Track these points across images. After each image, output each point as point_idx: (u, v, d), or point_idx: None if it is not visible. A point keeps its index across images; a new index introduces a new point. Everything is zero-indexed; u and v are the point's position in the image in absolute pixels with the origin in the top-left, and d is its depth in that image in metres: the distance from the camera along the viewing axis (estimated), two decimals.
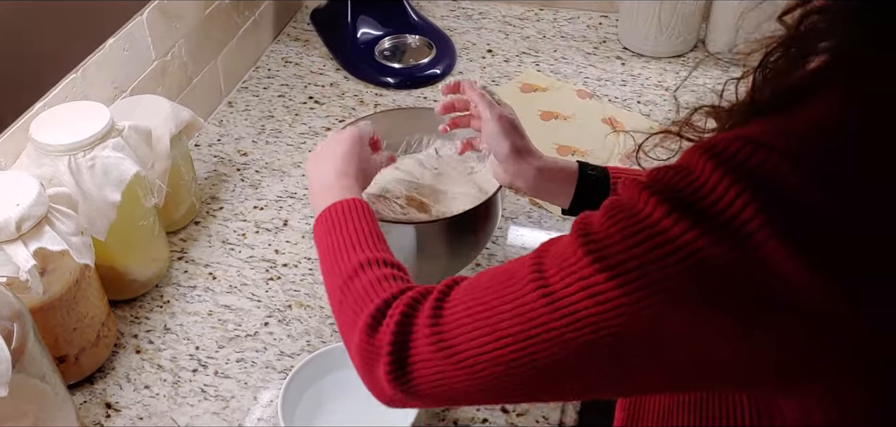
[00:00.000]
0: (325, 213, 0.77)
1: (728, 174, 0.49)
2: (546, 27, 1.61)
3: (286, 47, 1.57)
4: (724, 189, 0.49)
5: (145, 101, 1.09)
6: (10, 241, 0.79)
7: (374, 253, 0.71)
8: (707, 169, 0.50)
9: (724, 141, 0.50)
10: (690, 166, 0.51)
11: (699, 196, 0.49)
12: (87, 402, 0.92)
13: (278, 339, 0.99)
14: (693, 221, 0.49)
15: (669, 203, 0.50)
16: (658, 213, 0.51)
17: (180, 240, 1.14)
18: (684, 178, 0.51)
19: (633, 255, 0.51)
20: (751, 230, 0.47)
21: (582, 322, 0.53)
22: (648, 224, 0.51)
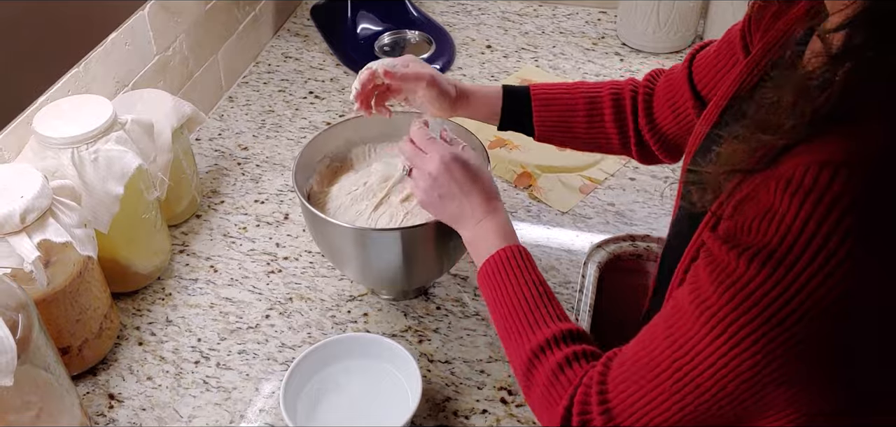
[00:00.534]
0: (486, 268, 0.79)
1: (824, 209, 0.49)
2: (545, 23, 1.61)
3: (286, 42, 1.58)
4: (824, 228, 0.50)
5: (147, 96, 1.10)
6: (14, 232, 0.80)
7: (549, 327, 0.73)
8: (798, 209, 0.51)
9: (806, 171, 0.51)
10: (777, 209, 0.52)
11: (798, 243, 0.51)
12: (90, 393, 0.93)
13: (279, 332, 1.00)
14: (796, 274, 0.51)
15: (764, 262, 0.52)
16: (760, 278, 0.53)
17: (182, 233, 1.15)
18: (771, 224, 0.52)
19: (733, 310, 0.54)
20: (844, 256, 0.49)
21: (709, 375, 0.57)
22: (753, 288, 0.53)
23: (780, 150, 0.54)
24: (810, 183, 0.50)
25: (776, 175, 0.53)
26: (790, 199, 0.51)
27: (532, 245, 1.10)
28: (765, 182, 0.53)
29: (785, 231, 0.51)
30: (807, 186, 0.50)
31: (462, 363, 0.95)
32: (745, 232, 0.55)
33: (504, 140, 1.28)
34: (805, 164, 0.51)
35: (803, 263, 0.50)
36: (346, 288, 1.05)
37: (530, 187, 1.20)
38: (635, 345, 0.65)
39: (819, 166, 0.50)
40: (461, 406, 0.90)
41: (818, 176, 0.50)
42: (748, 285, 0.53)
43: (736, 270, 0.54)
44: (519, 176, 1.22)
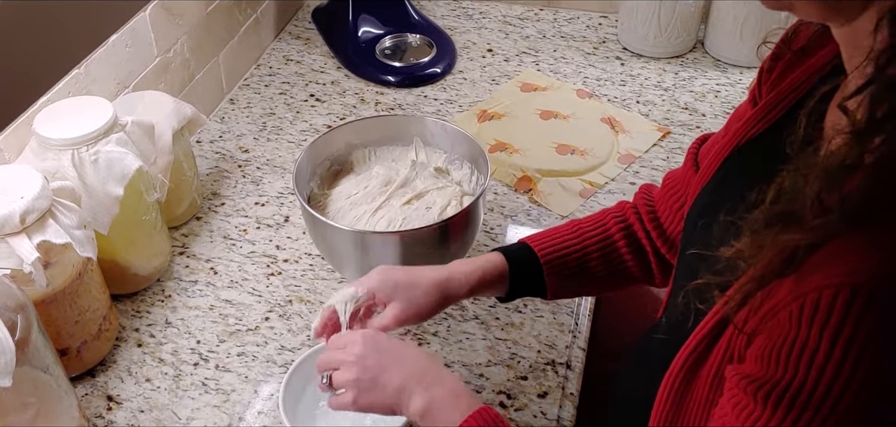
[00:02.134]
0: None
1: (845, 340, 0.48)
2: (546, 27, 1.61)
3: (288, 45, 1.58)
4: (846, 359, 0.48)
5: (148, 97, 1.10)
6: (14, 233, 0.80)
7: None
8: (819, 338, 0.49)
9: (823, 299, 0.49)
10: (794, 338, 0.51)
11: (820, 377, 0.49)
12: (88, 395, 0.93)
13: (279, 334, 0.99)
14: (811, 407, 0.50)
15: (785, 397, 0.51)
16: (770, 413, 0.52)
17: (182, 235, 1.15)
18: (795, 360, 0.51)
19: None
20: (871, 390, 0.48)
21: None
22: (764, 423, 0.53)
23: (806, 249, 0.51)
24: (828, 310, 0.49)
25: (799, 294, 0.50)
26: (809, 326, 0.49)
27: None
28: (786, 303, 0.51)
29: (808, 364, 0.50)
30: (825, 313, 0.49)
31: (461, 366, 0.95)
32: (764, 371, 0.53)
33: (504, 143, 1.28)
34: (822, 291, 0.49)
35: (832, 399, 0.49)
36: None
37: (530, 191, 1.20)
38: None
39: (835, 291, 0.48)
40: None
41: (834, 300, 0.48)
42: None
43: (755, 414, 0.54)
44: (519, 180, 1.22)
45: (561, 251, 0.88)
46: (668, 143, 1.29)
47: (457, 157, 1.09)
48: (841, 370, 0.49)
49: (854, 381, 0.49)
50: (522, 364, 0.95)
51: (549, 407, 0.90)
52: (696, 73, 1.46)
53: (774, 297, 0.53)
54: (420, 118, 1.11)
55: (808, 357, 0.50)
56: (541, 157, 1.25)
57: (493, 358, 0.96)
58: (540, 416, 0.89)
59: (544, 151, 1.27)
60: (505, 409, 0.90)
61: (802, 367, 0.50)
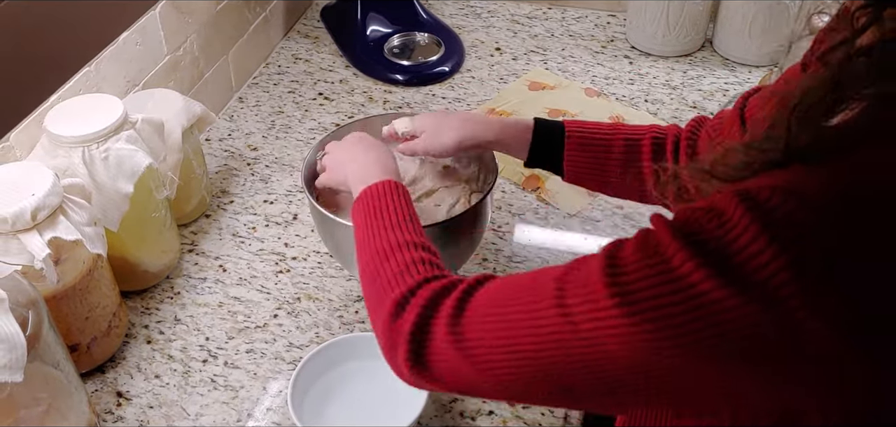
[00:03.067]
0: (366, 191, 0.79)
1: (762, 228, 0.47)
2: (554, 26, 1.61)
3: (296, 44, 1.58)
4: (758, 245, 0.47)
5: (158, 95, 1.11)
6: (25, 230, 0.80)
7: (410, 236, 0.72)
8: (741, 219, 0.48)
9: (761, 189, 0.48)
10: (724, 211, 0.49)
11: (731, 250, 0.48)
12: (98, 391, 0.94)
13: (287, 331, 1.00)
14: (724, 280, 0.48)
15: (701, 257, 0.49)
16: (689, 268, 0.49)
17: (191, 232, 1.15)
18: (717, 225, 0.49)
19: (659, 304, 0.50)
20: (778, 287, 0.46)
21: (598, 353, 0.53)
22: (678, 276, 0.50)
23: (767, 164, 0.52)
24: (761, 199, 0.48)
25: (737, 185, 0.50)
26: (737, 205, 0.48)
27: (540, 247, 1.11)
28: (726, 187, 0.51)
29: (724, 234, 0.49)
30: (756, 201, 0.48)
31: None
32: (687, 221, 0.51)
33: None
34: (764, 184, 0.49)
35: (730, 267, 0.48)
36: (354, 288, 1.05)
37: (538, 189, 1.20)
38: (518, 279, 0.61)
39: (772, 189, 0.48)
40: (467, 407, 0.90)
41: (771, 196, 0.48)
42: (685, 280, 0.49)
43: (668, 252, 0.51)
44: (527, 178, 1.22)
45: (589, 130, 0.92)
46: None
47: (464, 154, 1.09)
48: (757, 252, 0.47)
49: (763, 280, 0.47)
50: None
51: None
52: (705, 72, 1.46)
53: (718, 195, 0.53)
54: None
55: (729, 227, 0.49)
56: None
57: None
58: (547, 413, 0.90)
59: None
60: (512, 406, 0.90)
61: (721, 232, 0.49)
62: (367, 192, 0.78)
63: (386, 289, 0.68)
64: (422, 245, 0.72)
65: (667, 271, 0.51)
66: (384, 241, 0.72)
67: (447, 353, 0.62)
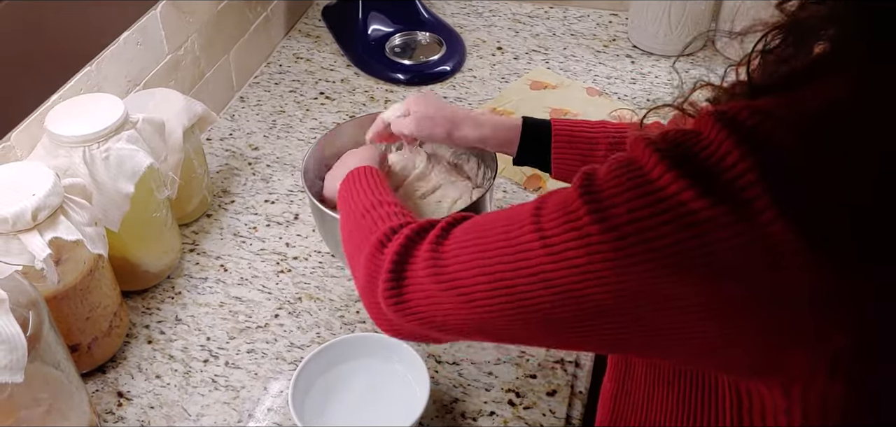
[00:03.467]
0: (348, 176, 0.84)
1: (738, 140, 0.48)
2: (556, 25, 1.61)
3: (297, 43, 1.58)
4: (733, 155, 0.48)
5: (159, 95, 1.11)
6: (26, 230, 0.80)
7: (388, 196, 0.78)
8: (718, 134, 0.50)
9: (737, 109, 0.50)
10: (701, 129, 0.51)
11: (707, 160, 0.49)
12: (99, 391, 0.94)
13: (288, 331, 1.00)
14: (698, 186, 0.49)
15: (676, 165, 0.50)
16: (663, 174, 0.50)
17: (192, 232, 1.15)
18: (694, 140, 0.51)
19: (634, 215, 0.51)
20: (752, 197, 0.48)
21: (572, 270, 0.53)
22: (653, 185, 0.51)
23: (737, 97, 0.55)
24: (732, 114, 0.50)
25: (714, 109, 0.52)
26: (713, 122, 0.50)
27: None
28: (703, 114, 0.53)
29: (699, 148, 0.50)
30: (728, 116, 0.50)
31: (470, 365, 0.95)
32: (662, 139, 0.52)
33: None
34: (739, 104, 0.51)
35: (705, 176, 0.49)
36: (355, 288, 1.05)
37: (539, 189, 1.20)
38: (496, 213, 0.62)
39: (746, 106, 0.50)
40: (469, 407, 0.90)
41: (741, 111, 0.50)
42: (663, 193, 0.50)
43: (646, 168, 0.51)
44: (528, 177, 1.22)
45: (575, 132, 0.94)
46: None
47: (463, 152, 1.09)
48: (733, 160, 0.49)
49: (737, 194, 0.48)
50: (531, 362, 0.95)
51: (559, 406, 0.90)
52: (707, 72, 1.46)
53: None
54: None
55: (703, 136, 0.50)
56: None
57: (502, 356, 0.96)
58: (549, 414, 0.89)
59: None
60: (514, 406, 0.90)
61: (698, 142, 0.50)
62: (345, 181, 0.84)
63: (368, 232, 0.71)
64: (398, 211, 0.75)
65: (646, 184, 0.51)
66: (364, 203, 0.77)
67: (426, 284, 0.63)
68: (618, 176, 0.53)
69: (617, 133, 0.93)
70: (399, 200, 0.78)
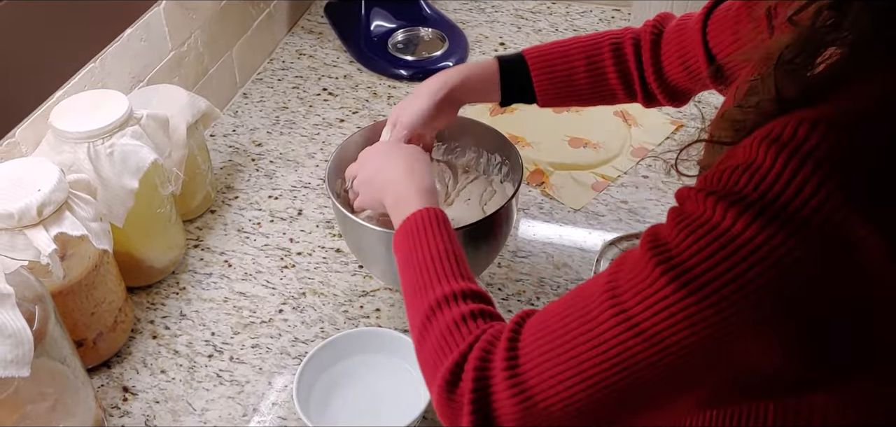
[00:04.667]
0: (406, 225, 0.75)
1: (798, 161, 0.47)
2: (558, 20, 1.61)
3: (300, 40, 1.58)
4: (798, 178, 0.47)
5: (163, 91, 1.11)
6: (31, 225, 0.81)
7: (452, 284, 0.68)
8: (774, 160, 0.48)
9: (785, 125, 0.48)
10: (755, 160, 0.49)
11: (772, 192, 0.48)
12: (104, 386, 0.94)
13: (293, 326, 1.00)
14: (770, 221, 0.47)
15: (741, 205, 0.48)
16: (731, 220, 0.49)
17: (196, 228, 1.15)
18: (751, 175, 0.49)
19: (711, 266, 0.49)
20: (830, 213, 0.46)
21: (672, 346, 0.51)
22: (723, 231, 0.49)
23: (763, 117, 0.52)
24: (788, 136, 0.48)
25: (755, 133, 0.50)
26: (766, 149, 0.48)
27: (544, 242, 1.11)
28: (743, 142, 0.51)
29: (760, 180, 0.48)
30: (784, 140, 0.48)
31: None
32: (717, 182, 0.51)
33: (517, 137, 1.28)
34: (784, 121, 0.49)
35: (777, 210, 0.47)
36: (359, 283, 1.05)
37: (542, 184, 1.20)
38: (563, 302, 0.59)
39: (797, 121, 0.48)
40: None
41: (796, 129, 0.48)
42: (725, 234, 0.49)
43: (705, 215, 0.50)
44: (531, 173, 1.22)
45: (550, 59, 0.95)
46: (680, 137, 1.29)
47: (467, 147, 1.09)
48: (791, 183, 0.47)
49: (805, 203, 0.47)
50: None
51: None
52: None
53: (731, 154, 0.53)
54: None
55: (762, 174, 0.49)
56: (553, 151, 1.26)
57: None
58: None
59: (557, 145, 1.27)
60: None
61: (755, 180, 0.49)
62: (406, 225, 0.75)
63: (438, 356, 0.64)
64: (468, 291, 0.68)
65: (711, 230, 0.50)
66: (433, 294, 0.68)
67: (513, 410, 0.58)
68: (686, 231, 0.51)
69: (591, 46, 0.94)
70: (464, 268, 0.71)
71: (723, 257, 0.49)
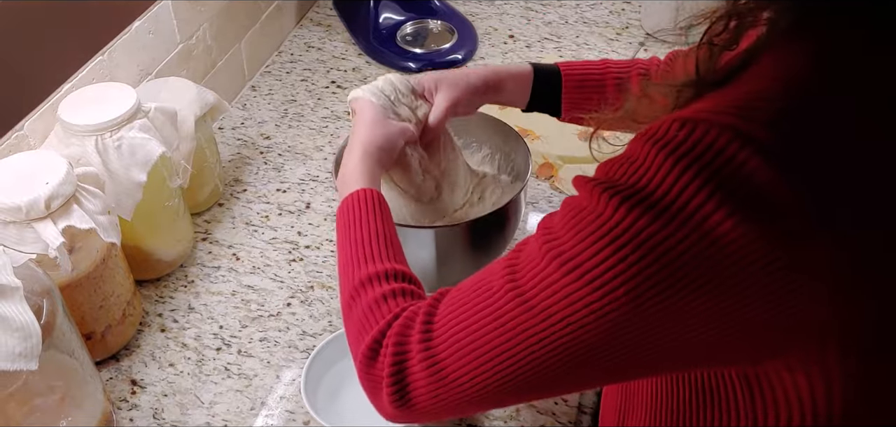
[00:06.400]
0: (343, 206, 0.78)
1: (669, 158, 0.49)
2: (568, 13, 1.60)
3: (309, 32, 1.58)
4: (670, 175, 0.49)
5: (171, 84, 1.11)
6: (39, 218, 0.81)
7: (379, 264, 0.71)
8: (650, 156, 0.51)
9: (663, 125, 0.51)
10: (635, 156, 0.52)
11: (648, 186, 0.50)
12: (112, 379, 0.94)
13: (301, 320, 1.00)
14: (644, 211, 0.50)
15: (620, 196, 0.51)
16: (610, 209, 0.52)
17: (204, 221, 1.15)
18: (631, 169, 0.52)
19: (593, 254, 0.52)
20: (698, 206, 0.48)
21: (560, 325, 0.54)
22: (603, 220, 0.52)
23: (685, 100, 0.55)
24: (663, 134, 0.50)
25: (643, 132, 0.53)
26: (650, 147, 0.51)
27: None
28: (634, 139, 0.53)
29: (643, 173, 0.51)
30: (661, 137, 0.50)
31: None
32: (607, 174, 0.54)
33: (526, 130, 1.27)
34: (668, 120, 0.51)
35: (662, 208, 0.50)
36: None
37: (552, 178, 1.20)
38: (473, 281, 0.62)
39: (674, 121, 0.50)
40: None
41: (670, 128, 0.50)
42: (616, 226, 0.51)
43: (597, 208, 0.53)
44: (541, 166, 1.21)
45: (583, 70, 0.96)
46: None
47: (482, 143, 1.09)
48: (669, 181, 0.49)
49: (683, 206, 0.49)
50: None
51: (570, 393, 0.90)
52: None
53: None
54: None
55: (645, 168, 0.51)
56: (562, 144, 1.25)
57: None
58: (560, 402, 0.89)
59: (566, 138, 1.26)
60: None
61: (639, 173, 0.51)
62: (344, 204, 0.78)
63: (359, 332, 0.68)
64: (395, 272, 0.71)
65: (594, 219, 0.53)
66: (359, 273, 0.71)
67: (427, 383, 0.62)
68: (573, 221, 0.54)
69: (620, 72, 0.95)
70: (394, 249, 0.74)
71: (606, 244, 0.52)
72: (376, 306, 0.68)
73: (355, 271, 0.72)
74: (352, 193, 0.78)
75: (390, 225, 0.77)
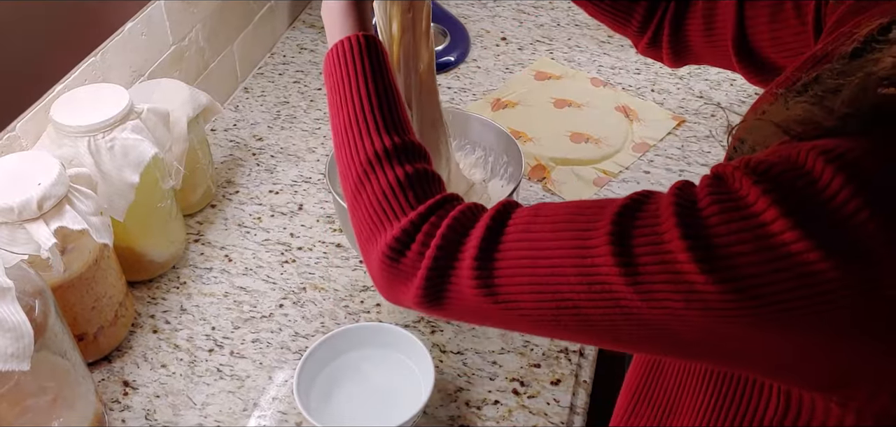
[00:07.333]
0: (331, 56, 0.67)
1: (852, 182, 0.44)
2: (560, 15, 1.61)
3: (302, 34, 1.58)
4: (847, 198, 0.44)
5: (163, 85, 1.11)
6: (31, 219, 0.80)
7: (386, 138, 0.62)
8: (826, 172, 0.44)
9: (836, 144, 0.45)
10: (804, 163, 0.45)
11: (822, 206, 0.44)
12: (105, 380, 0.94)
13: (293, 321, 1.00)
14: (818, 240, 0.44)
15: (788, 208, 0.45)
16: (776, 221, 0.45)
17: (197, 222, 1.15)
18: (800, 176, 0.45)
19: (743, 262, 0.46)
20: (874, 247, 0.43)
21: (662, 311, 0.48)
22: (764, 230, 0.45)
23: (828, 130, 0.48)
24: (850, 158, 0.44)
25: (813, 143, 0.46)
26: (824, 163, 0.44)
27: None
28: (797, 146, 0.47)
29: (807, 184, 0.44)
30: (847, 159, 0.44)
31: (474, 354, 0.95)
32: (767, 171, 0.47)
33: (518, 132, 1.28)
34: (849, 144, 0.45)
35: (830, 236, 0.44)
36: (360, 278, 1.05)
37: (544, 180, 1.20)
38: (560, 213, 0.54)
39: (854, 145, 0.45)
40: (473, 396, 0.90)
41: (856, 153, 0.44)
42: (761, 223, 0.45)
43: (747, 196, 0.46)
44: (533, 168, 1.22)
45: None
46: (682, 132, 1.29)
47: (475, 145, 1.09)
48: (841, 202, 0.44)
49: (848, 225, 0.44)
50: (535, 351, 0.95)
51: (563, 394, 0.90)
52: None
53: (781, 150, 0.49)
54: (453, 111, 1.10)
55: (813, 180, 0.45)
56: (555, 146, 1.25)
57: (506, 345, 0.96)
58: (553, 403, 0.90)
59: (558, 140, 1.27)
60: (518, 395, 0.90)
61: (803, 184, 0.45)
62: (330, 56, 0.67)
63: (378, 219, 0.60)
64: (398, 148, 0.62)
65: (749, 220, 0.46)
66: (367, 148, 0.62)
67: (473, 296, 0.55)
68: (720, 206, 0.47)
69: None
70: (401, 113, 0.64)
71: (763, 260, 0.45)
72: (399, 190, 0.59)
73: (360, 146, 0.63)
74: (341, 41, 0.67)
75: (390, 77, 0.66)
